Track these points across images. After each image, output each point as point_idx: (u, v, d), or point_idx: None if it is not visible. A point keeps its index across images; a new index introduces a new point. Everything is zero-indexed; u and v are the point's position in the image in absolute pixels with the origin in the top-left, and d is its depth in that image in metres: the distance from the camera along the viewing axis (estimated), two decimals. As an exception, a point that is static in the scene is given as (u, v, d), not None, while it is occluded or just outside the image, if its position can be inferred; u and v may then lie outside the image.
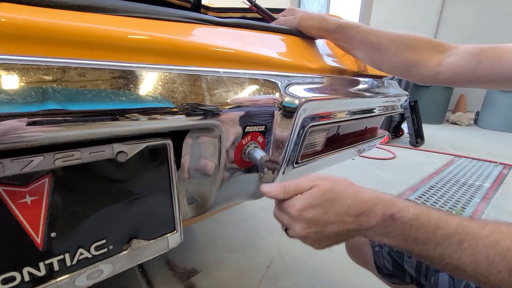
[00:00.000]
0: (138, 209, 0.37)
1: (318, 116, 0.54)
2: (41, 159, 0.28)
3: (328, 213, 0.36)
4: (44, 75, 0.25)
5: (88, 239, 0.33)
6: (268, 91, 0.43)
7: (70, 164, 0.30)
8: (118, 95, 0.29)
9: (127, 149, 0.34)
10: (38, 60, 0.26)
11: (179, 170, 0.42)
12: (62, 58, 0.27)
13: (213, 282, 0.96)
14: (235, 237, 1.21)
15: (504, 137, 3.51)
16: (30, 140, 0.25)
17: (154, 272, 0.98)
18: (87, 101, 0.27)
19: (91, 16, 0.32)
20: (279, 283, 0.97)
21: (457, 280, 0.54)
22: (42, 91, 0.25)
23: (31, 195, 0.28)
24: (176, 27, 0.40)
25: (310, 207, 0.36)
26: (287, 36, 0.58)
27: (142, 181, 0.36)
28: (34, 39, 0.27)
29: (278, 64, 0.49)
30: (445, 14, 4.41)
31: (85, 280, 0.33)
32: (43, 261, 0.30)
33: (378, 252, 0.61)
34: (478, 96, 4.25)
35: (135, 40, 0.33)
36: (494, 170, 2.20)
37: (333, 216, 0.36)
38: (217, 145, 0.41)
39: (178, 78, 0.34)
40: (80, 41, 0.29)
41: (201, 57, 0.39)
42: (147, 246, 0.38)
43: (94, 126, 0.28)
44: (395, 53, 0.56)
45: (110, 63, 0.30)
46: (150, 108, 0.31)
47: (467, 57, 0.51)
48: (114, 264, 0.36)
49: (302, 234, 0.37)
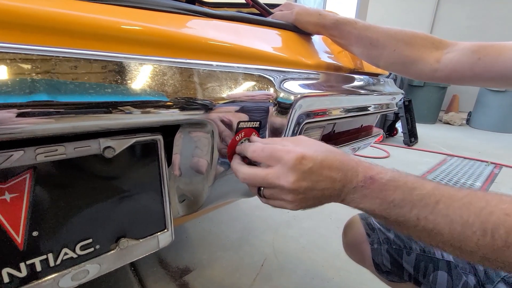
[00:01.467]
0: (127, 207, 0.35)
1: (313, 113, 0.53)
2: (21, 154, 0.26)
3: (324, 164, 0.34)
4: (29, 64, 0.24)
5: (73, 238, 0.31)
6: (263, 86, 0.42)
7: (53, 159, 0.28)
8: (105, 87, 0.27)
9: (114, 144, 0.32)
10: (24, 48, 0.24)
11: (170, 166, 0.40)
12: (49, 47, 0.25)
13: (206, 281, 0.95)
14: (228, 235, 1.20)
15: (495, 136, 3.57)
16: (11, 132, 0.23)
17: (146, 270, 0.97)
18: (73, 93, 0.26)
19: (81, 4, 0.31)
20: (273, 281, 0.96)
21: (455, 277, 0.54)
22: (26, 81, 0.23)
23: (11, 192, 0.27)
24: (169, 18, 0.38)
25: (311, 157, 0.34)
26: (283, 31, 0.57)
27: (130, 178, 0.35)
28: (20, 26, 0.25)
29: (274, 59, 0.48)
30: (439, 14, 4.45)
31: (70, 281, 0.32)
32: (24, 262, 0.29)
33: (377, 250, 0.60)
34: (470, 96, 4.32)
35: (127, 30, 0.32)
36: (486, 169, 2.24)
37: (327, 170, 0.34)
38: (209, 140, 0.39)
39: (168, 70, 0.32)
40: (68, 30, 0.28)
41: (194, 49, 0.38)
42: (136, 246, 0.37)
43: (80, 119, 0.26)
44: (393, 49, 0.55)
45: (99, 53, 0.28)
46: (139, 101, 0.29)
47: (466, 54, 0.51)
48: (101, 264, 0.34)
49: (291, 187, 0.34)
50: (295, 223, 1.32)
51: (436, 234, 0.31)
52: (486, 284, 0.51)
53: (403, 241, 0.59)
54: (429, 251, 0.57)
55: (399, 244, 0.59)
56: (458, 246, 0.30)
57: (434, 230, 0.31)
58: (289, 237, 1.20)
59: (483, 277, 0.52)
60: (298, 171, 0.34)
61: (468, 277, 0.53)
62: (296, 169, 0.34)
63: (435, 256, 0.56)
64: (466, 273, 0.53)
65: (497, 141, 3.33)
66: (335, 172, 0.35)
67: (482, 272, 0.52)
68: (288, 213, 1.40)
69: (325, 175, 0.34)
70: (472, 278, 0.53)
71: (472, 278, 0.53)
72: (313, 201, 0.36)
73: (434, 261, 0.56)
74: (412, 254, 0.58)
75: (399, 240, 0.60)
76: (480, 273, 0.53)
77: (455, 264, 0.55)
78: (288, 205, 0.36)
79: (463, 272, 0.54)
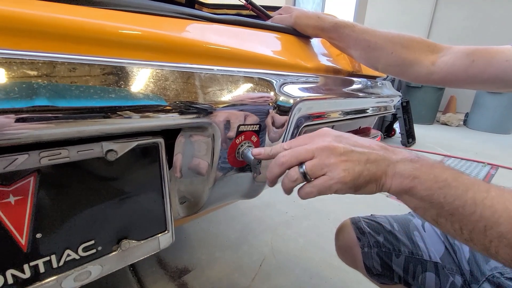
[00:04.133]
0: (129, 209, 0.36)
1: (312, 116, 0.54)
2: (25, 158, 0.27)
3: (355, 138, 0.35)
4: (32, 70, 0.24)
5: (75, 240, 0.32)
6: (263, 90, 0.43)
7: (56, 162, 0.29)
8: (108, 92, 0.28)
9: (117, 148, 0.33)
10: (25, 54, 0.24)
11: (171, 169, 0.41)
12: (51, 53, 0.26)
13: (205, 281, 0.95)
14: (227, 235, 1.21)
15: (491, 138, 3.60)
16: (15, 137, 0.24)
17: (145, 271, 0.97)
18: (75, 98, 0.26)
19: (81, 9, 0.31)
20: (271, 281, 0.97)
21: (443, 278, 0.55)
22: (29, 86, 0.24)
23: (15, 195, 0.27)
24: (169, 22, 0.39)
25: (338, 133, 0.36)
26: (282, 35, 0.58)
27: (132, 180, 0.35)
28: (21, 32, 0.26)
29: (273, 63, 0.49)
30: (437, 15, 4.48)
31: (73, 282, 0.32)
32: (28, 263, 0.29)
33: (367, 253, 0.62)
34: (467, 98, 4.35)
35: (127, 35, 0.32)
36: (482, 170, 2.26)
37: (361, 141, 0.35)
38: (210, 144, 0.40)
39: (170, 75, 0.33)
40: (69, 35, 0.28)
41: (195, 54, 0.38)
42: (137, 247, 0.37)
43: (83, 123, 0.27)
44: (390, 52, 0.56)
45: (100, 59, 0.28)
46: (142, 105, 0.30)
47: (461, 57, 0.52)
48: (103, 266, 0.35)
49: (329, 146, 0.33)
50: (293, 223, 1.33)
51: (493, 224, 0.28)
52: (471, 283, 0.52)
53: (392, 244, 0.61)
54: (417, 253, 0.59)
55: (389, 247, 0.61)
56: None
57: (491, 218, 0.28)
58: (287, 237, 1.21)
59: (469, 277, 0.53)
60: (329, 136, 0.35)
61: (455, 278, 0.54)
62: (326, 135, 0.35)
63: (423, 258, 0.58)
64: (453, 273, 0.55)
65: (494, 142, 3.36)
66: (373, 145, 0.35)
67: (468, 272, 0.54)
68: (287, 213, 1.41)
69: (361, 143, 0.35)
70: (459, 278, 0.54)
71: (459, 278, 0.54)
72: (359, 166, 0.33)
73: (423, 263, 0.57)
74: (401, 257, 0.59)
75: (388, 243, 0.61)
76: (466, 273, 0.54)
77: (442, 265, 0.56)
78: (333, 173, 0.33)
79: (450, 273, 0.55)
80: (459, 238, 0.31)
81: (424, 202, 0.32)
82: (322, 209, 1.47)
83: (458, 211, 0.30)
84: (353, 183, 0.33)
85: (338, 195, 0.35)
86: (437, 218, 0.32)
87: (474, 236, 0.30)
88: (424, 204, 0.32)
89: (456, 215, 0.30)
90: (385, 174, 0.33)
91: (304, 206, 1.49)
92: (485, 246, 0.29)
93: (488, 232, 0.28)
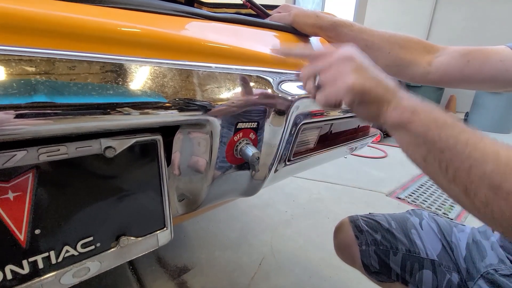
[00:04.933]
0: (127, 205, 0.36)
1: (311, 114, 0.54)
2: (24, 154, 0.27)
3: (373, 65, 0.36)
4: (31, 66, 0.24)
5: (74, 236, 0.32)
6: (261, 88, 0.43)
7: (55, 159, 0.29)
8: (106, 89, 0.28)
9: (115, 145, 0.33)
10: (24, 51, 0.25)
11: (169, 166, 0.41)
12: (50, 50, 0.26)
13: (205, 280, 0.95)
14: (227, 234, 1.21)
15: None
16: (14, 133, 0.24)
17: (145, 269, 0.97)
18: (74, 94, 0.26)
19: (80, 6, 0.31)
20: (270, 280, 0.97)
21: (440, 276, 0.55)
22: (28, 83, 0.24)
23: (14, 191, 0.27)
24: (168, 20, 0.39)
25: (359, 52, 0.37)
26: (280, 33, 0.58)
27: (131, 177, 0.35)
28: (19, 29, 0.26)
29: (271, 61, 0.49)
30: (437, 16, 4.48)
31: (71, 278, 0.33)
32: (27, 259, 0.29)
33: (365, 251, 0.62)
34: (467, 97, 4.35)
35: (126, 32, 0.32)
36: (482, 169, 2.25)
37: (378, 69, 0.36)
38: (208, 141, 0.40)
39: (168, 72, 0.33)
40: (68, 32, 0.28)
41: (193, 51, 0.38)
42: (136, 243, 0.38)
43: (82, 120, 0.27)
44: (388, 52, 0.57)
45: (99, 56, 0.29)
46: (140, 102, 0.30)
47: (456, 57, 0.52)
48: (102, 262, 0.35)
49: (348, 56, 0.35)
50: (293, 222, 1.33)
51: (479, 164, 0.28)
52: (468, 281, 0.52)
53: (389, 242, 0.61)
54: (414, 251, 0.59)
55: (386, 245, 0.61)
56: (497, 185, 0.27)
57: (479, 159, 0.28)
58: (287, 237, 1.21)
59: (466, 274, 0.53)
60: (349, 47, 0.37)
61: (452, 275, 0.55)
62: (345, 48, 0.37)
63: (420, 256, 0.58)
64: (450, 271, 0.55)
65: (494, 141, 3.36)
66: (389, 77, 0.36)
67: (465, 270, 0.54)
68: (286, 213, 1.41)
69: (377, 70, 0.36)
70: (456, 276, 0.54)
71: (456, 276, 0.54)
72: (369, 83, 0.34)
73: (420, 260, 0.57)
74: (398, 254, 0.59)
75: (386, 241, 0.61)
76: (463, 271, 0.54)
77: (439, 263, 0.57)
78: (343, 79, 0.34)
79: (447, 270, 0.55)
80: (442, 178, 0.32)
81: (417, 138, 0.33)
82: (322, 208, 1.48)
83: (448, 149, 0.30)
84: (360, 95, 0.34)
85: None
86: (426, 155, 0.32)
87: (458, 175, 0.30)
88: (417, 141, 0.33)
89: (445, 152, 0.31)
90: (388, 103, 0.35)
91: (304, 206, 1.49)
92: (465, 187, 0.29)
93: (472, 172, 0.29)
